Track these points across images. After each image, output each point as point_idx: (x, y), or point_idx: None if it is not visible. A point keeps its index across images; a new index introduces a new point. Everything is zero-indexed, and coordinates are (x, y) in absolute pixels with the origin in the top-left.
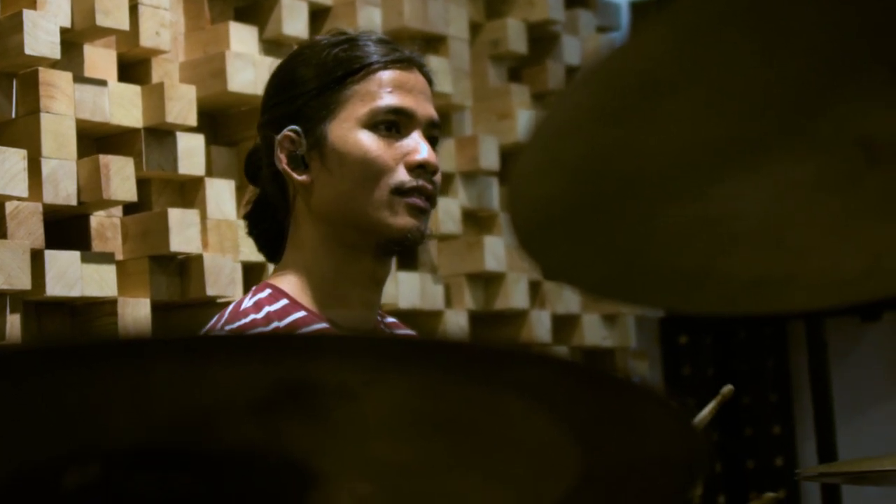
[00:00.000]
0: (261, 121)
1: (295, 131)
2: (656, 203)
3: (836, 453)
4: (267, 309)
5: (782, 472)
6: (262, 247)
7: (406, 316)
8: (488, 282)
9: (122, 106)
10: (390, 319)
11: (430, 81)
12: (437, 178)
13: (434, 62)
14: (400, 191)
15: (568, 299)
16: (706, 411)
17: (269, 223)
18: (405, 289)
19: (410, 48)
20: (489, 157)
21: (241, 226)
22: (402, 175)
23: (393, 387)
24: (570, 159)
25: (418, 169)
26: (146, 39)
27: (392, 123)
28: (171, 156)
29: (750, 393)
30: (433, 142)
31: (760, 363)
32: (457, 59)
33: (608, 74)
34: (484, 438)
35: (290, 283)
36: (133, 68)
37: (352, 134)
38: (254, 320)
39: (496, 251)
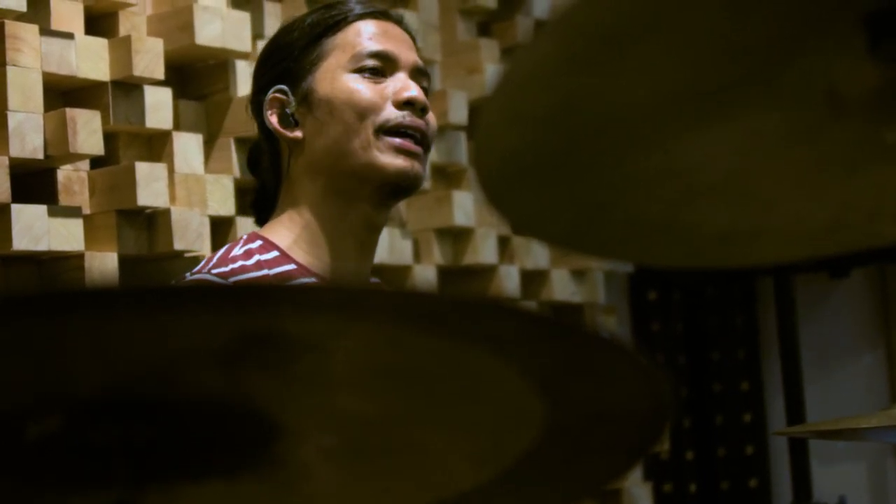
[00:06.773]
0: (250, 99)
1: (282, 90)
2: (622, 154)
3: (804, 409)
4: (257, 257)
5: (751, 427)
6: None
7: (375, 271)
8: (457, 237)
9: (89, 59)
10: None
11: (411, 36)
12: (430, 119)
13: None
14: (385, 129)
15: (537, 254)
16: None
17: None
18: None
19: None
20: (458, 112)
21: (209, 180)
22: (388, 112)
23: (358, 338)
24: (536, 111)
25: (406, 106)
26: None
27: (376, 68)
28: (139, 109)
29: (719, 349)
30: (423, 91)
31: (729, 319)
32: (426, 13)
33: (574, 25)
34: (450, 390)
35: (282, 237)
36: (100, 21)
37: (337, 79)
38: (243, 266)
39: (465, 206)
